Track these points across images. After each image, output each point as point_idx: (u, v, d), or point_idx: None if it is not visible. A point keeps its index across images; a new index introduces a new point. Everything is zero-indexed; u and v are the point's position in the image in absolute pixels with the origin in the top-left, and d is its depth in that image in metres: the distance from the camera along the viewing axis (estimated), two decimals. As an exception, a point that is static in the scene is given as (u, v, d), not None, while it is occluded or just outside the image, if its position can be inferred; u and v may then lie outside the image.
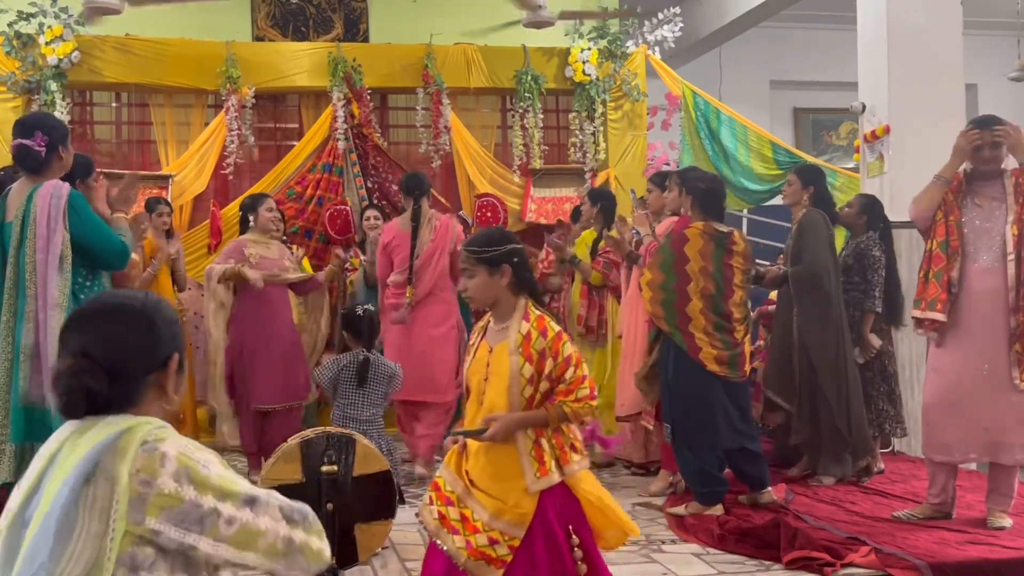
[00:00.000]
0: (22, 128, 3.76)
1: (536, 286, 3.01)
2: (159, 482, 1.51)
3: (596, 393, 2.85)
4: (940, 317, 4.24)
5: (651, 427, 5.19)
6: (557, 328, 2.85)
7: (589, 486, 2.86)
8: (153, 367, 1.66)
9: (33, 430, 3.58)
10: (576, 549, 2.77)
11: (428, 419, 5.62)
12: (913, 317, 4.41)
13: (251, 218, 5.64)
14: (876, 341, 5.27)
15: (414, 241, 5.61)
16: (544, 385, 2.81)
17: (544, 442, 2.81)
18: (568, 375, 2.81)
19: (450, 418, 5.71)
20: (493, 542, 2.77)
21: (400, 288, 5.65)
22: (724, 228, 4.70)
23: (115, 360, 1.61)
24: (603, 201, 6.21)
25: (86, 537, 1.48)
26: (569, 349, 2.82)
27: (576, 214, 6.77)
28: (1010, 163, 4.31)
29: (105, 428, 1.58)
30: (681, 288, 4.59)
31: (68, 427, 1.63)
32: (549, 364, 2.80)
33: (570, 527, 2.80)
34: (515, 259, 2.91)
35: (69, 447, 1.57)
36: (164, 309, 1.72)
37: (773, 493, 4.73)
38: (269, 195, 6.10)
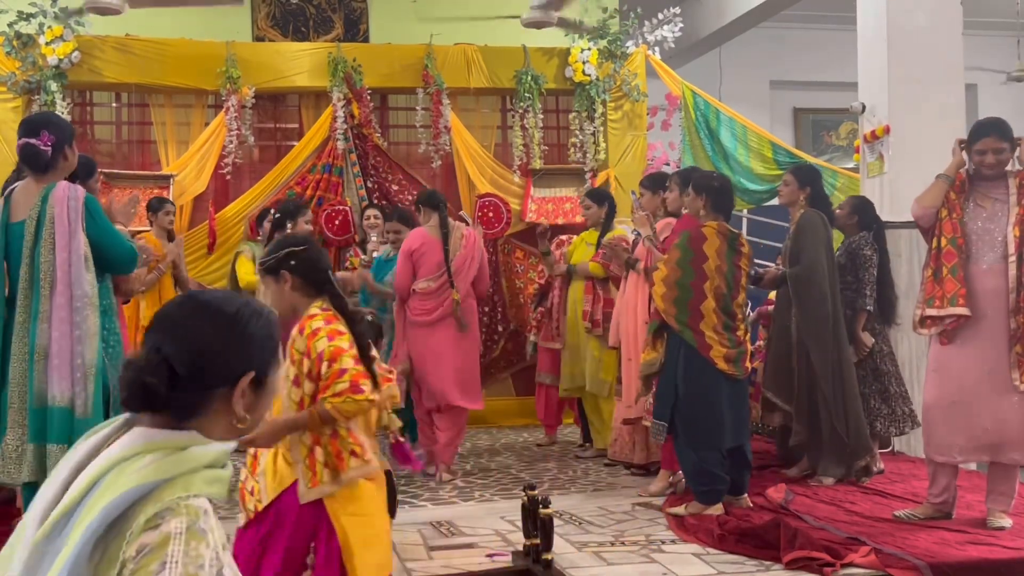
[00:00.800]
0: (28, 127, 3.75)
1: (333, 286, 2.80)
2: (142, 558, 1.36)
3: (362, 387, 2.63)
4: (964, 311, 4.20)
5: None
6: (316, 325, 2.68)
7: (349, 520, 2.66)
8: (224, 381, 1.51)
9: (48, 431, 3.56)
10: (308, 570, 2.64)
11: (444, 424, 5.63)
12: (927, 317, 4.29)
13: (289, 225, 5.71)
14: (869, 340, 5.26)
15: (446, 247, 5.61)
16: (309, 386, 2.67)
17: (319, 450, 2.67)
18: (324, 371, 2.64)
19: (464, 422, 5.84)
20: (252, 491, 2.72)
21: (427, 297, 5.57)
22: (734, 229, 4.75)
23: (187, 362, 1.47)
24: (609, 199, 6.28)
25: None
26: (323, 345, 2.64)
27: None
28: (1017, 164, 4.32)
29: (156, 466, 1.43)
30: (698, 285, 4.60)
31: (129, 442, 1.47)
32: (307, 363, 2.67)
33: (312, 544, 2.65)
34: (293, 262, 2.75)
35: (117, 472, 1.43)
36: (261, 321, 1.56)
37: (748, 500, 4.74)
38: (307, 207, 6.28)
